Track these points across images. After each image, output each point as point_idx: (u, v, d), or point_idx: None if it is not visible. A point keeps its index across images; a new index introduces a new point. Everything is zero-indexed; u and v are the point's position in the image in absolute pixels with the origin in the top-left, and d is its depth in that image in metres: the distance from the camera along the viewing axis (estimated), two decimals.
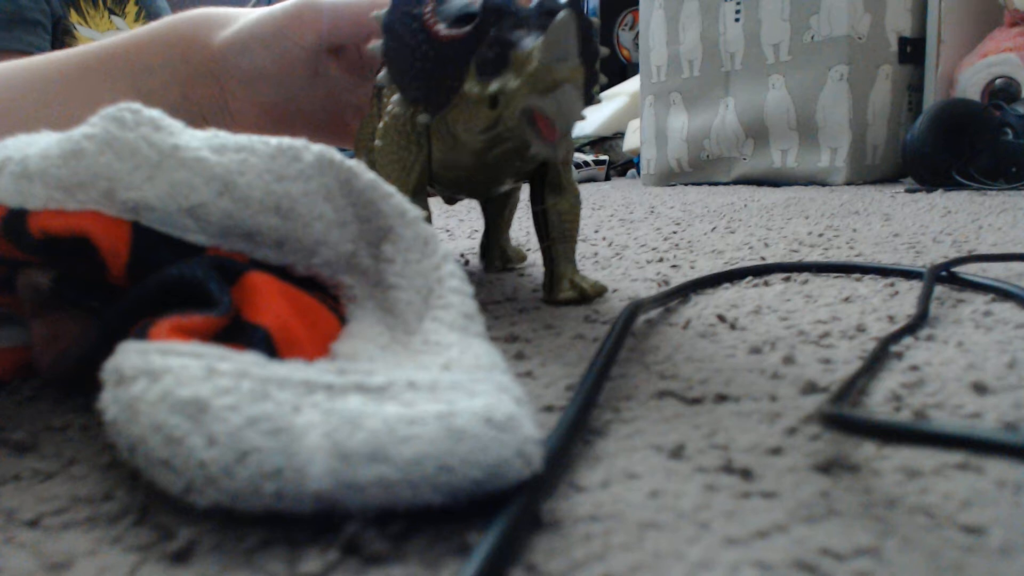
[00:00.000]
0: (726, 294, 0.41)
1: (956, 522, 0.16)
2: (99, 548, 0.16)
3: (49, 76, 0.22)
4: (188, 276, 0.21)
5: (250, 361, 0.17)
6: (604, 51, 0.35)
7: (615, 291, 0.43)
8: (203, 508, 0.16)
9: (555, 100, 0.28)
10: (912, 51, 1.43)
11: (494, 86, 0.30)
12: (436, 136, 0.37)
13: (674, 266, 0.52)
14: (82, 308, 0.24)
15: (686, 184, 1.67)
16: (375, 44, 0.35)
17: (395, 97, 0.37)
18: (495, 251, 0.52)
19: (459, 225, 0.86)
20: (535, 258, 0.58)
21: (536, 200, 0.40)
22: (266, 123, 0.45)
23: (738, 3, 1.51)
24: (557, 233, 0.39)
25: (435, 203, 1.22)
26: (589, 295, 0.39)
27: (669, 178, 1.73)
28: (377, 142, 0.38)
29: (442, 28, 0.32)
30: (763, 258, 0.54)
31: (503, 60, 0.30)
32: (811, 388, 0.24)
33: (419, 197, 0.39)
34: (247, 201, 0.22)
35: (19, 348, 0.26)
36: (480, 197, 0.41)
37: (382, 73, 0.35)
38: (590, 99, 0.36)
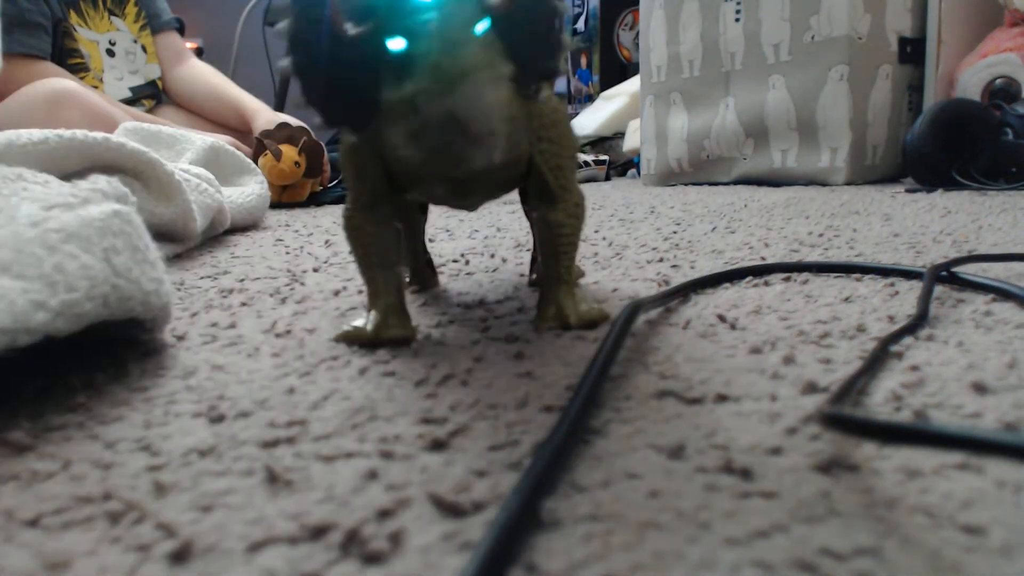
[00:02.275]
0: (726, 294, 0.41)
1: (956, 522, 0.16)
2: (99, 548, 0.16)
3: None
4: None
5: None
6: (563, 6, 0.30)
7: (615, 291, 0.43)
8: None
9: (463, 97, 0.24)
10: (912, 51, 1.43)
11: (408, 88, 0.26)
12: (385, 147, 0.31)
13: (674, 266, 0.52)
14: None
15: (686, 184, 1.68)
16: (284, 62, 0.29)
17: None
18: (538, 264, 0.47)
19: (459, 225, 0.86)
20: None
21: (530, 207, 0.35)
22: None
23: (738, 3, 1.51)
24: (549, 248, 0.34)
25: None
26: (572, 325, 0.34)
27: (669, 178, 1.73)
28: (341, 153, 0.34)
29: (350, 26, 0.26)
30: (763, 258, 0.54)
31: (412, 56, 0.25)
32: (811, 388, 0.24)
33: (381, 211, 0.33)
34: None
35: None
36: (467, 209, 0.36)
37: (298, 95, 0.29)
38: (548, 71, 0.30)
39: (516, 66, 0.28)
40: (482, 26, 0.26)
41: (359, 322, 0.33)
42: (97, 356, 0.32)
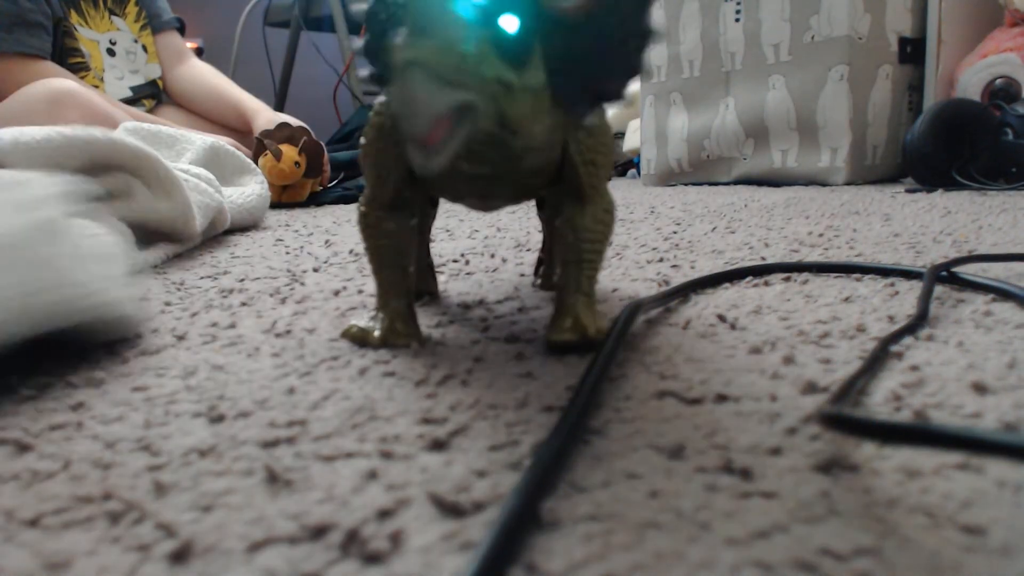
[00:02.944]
0: (726, 294, 0.41)
1: (956, 522, 0.16)
2: (99, 548, 0.16)
3: None
4: None
5: None
6: (654, 25, 0.27)
7: (615, 291, 0.43)
8: None
9: (400, 87, 0.22)
10: (912, 51, 1.43)
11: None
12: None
13: (674, 266, 0.52)
14: None
15: (686, 184, 1.67)
16: (362, 6, 0.29)
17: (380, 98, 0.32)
18: (552, 267, 0.44)
19: (459, 225, 0.86)
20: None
21: (551, 209, 0.33)
22: None
23: (738, 3, 1.51)
24: (571, 255, 0.31)
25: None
26: (591, 339, 0.30)
27: (669, 178, 1.73)
28: (361, 140, 0.32)
29: None
30: (763, 258, 0.54)
31: None
32: (811, 388, 0.24)
33: (400, 210, 0.32)
34: None
35: None
36: (488, 208, 0.34)
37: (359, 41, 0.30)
38: (611, 93, 0.28)
39: (573, 80, 0.26)
40: (508, 24, 0.24)
41: (366, 321, 0.33)
42: (98, 355, 0.32)
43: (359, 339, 0.32)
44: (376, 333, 0.32)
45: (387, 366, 0.29)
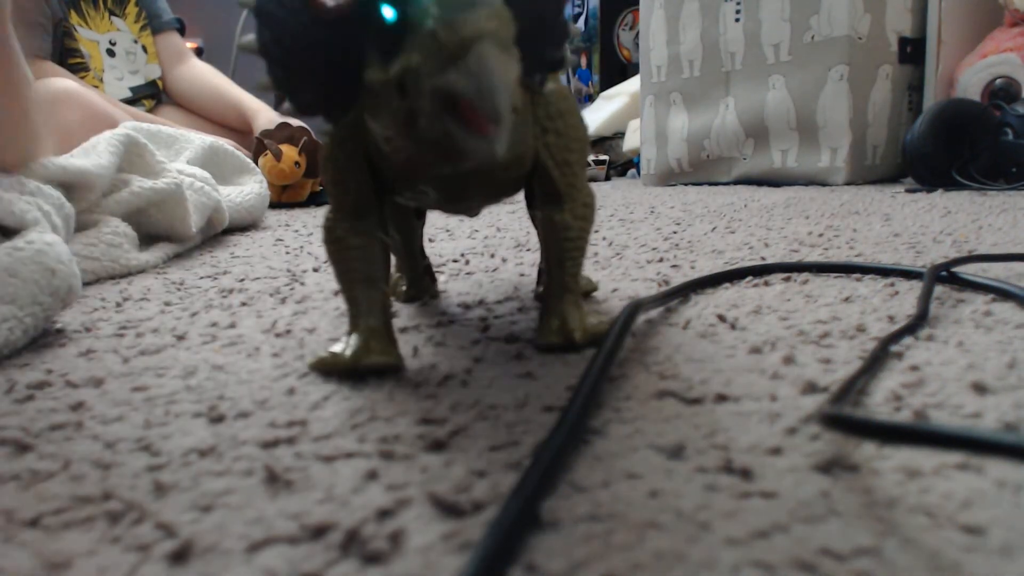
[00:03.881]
0: (726, 294, 0.41)
1: (956, 522, 0.16)
2: (99, 548, 0.16)
3: None
4: None
5: None
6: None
7: (615, 291, 0.43)
8: None
9: (469, 70, 0.20)
10: (912, 51, 1.43)
11: (397, 66, 0.22)
12: (370, 144, 0.28)
13: (674, 266, 0.52)
14: None
15: (686, 184, 1.67)
16: (247, 39, 0.25)
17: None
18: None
19: (459, 225, 0.86)
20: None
21: (532, 208, 0.32)
22: None
23: (738, 3, 1.51)
24: (552, 253, 0.31)
25: None
26: (577, 342, 0.30)
27: (669, 178, 1.73)
28: (321, 155, 0.30)
29: (329, 0, 0.23)
30: (763, 258, 0.54)
31: (404, 29, 0.22)
32: (811, 388, 0.24)
33: (365, 220, 0.30)
34: None
35: None
36: (466, 214, 0.33)
37: (263, 77, 0.26)
38: (554, 61, 0.27)
39: (521, 53, 0.24)
40: None
41: (337, 347, 0.29)
42: (98, 355, 0.32)
43: (329, 367, 0.28)
44: (347, 353, 0.28)
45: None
